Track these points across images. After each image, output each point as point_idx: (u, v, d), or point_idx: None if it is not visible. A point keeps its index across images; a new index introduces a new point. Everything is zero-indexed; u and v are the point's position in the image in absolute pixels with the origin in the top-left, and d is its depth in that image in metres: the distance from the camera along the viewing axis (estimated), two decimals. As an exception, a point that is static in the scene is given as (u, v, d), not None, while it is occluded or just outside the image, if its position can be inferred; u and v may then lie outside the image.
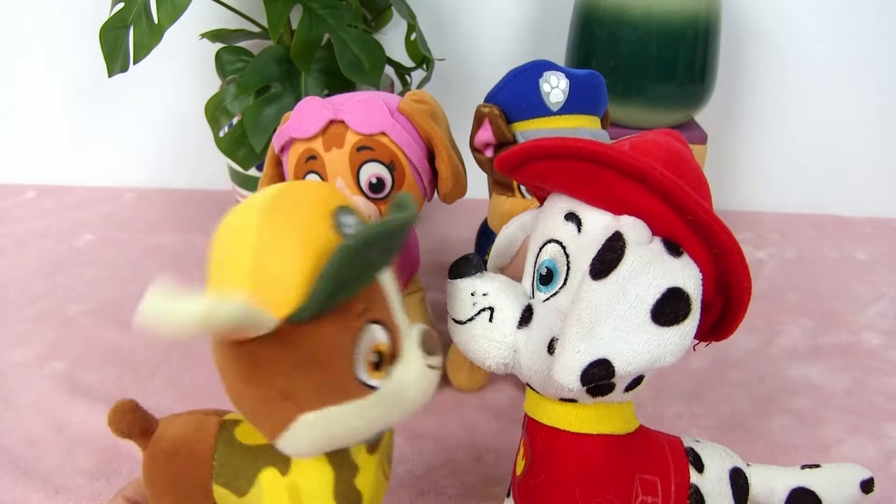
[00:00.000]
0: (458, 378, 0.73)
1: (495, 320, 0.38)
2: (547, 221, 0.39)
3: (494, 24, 1.14)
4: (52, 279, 0.93)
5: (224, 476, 0.39)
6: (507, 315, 0.38)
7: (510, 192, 0.63)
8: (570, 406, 0.38)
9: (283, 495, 0.38)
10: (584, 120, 0.61)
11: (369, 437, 0.37)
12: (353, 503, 0.39)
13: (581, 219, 0.36)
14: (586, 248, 0.35)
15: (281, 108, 0.80)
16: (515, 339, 0.38)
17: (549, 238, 0.38)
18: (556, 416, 0.39)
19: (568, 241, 0.37)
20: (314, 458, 0.38)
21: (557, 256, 0.37)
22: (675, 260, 0.33)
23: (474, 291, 0.39)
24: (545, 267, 0.38)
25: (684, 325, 0.32)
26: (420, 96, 0.62)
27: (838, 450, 0.67)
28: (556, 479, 0.38)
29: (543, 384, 0.38)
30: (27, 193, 1.19)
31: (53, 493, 0.59)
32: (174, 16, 0.76)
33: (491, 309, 0.38)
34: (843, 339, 0.85)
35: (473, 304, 0.39)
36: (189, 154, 1.22)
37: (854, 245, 1.11)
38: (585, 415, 0.38)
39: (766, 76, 1.15)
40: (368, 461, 0.39)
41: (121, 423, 0.41)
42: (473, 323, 0.39)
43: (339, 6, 0.81)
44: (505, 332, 0.38)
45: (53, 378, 0.74)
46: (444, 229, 1.11)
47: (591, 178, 0.35)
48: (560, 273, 0.37)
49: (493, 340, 0.38)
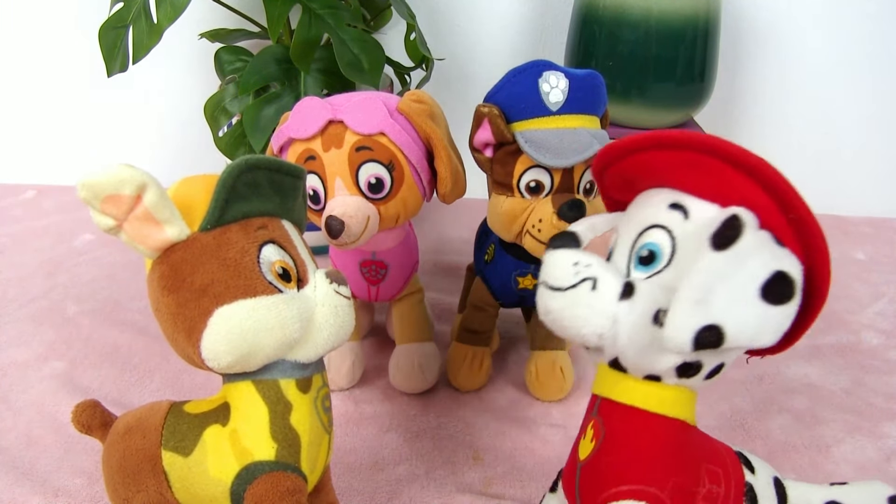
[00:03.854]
0: (458, 378, 0.73)
1: (598, 290, 0.38)
2: (646, 211, 0.40)
3: (494, 24, 1.14)
4: (52, 279, 0.93)
5: (172, 440, 0.43)
6: (609, 286, 0.38)
7: (509, 192, 0.63)
8: (652, 385, 0.39)
9: (225, 444, 0.42)
10: (583, 120, 0.61)
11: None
12: (291, 442, 0.42)
13: (687, 207, 0.38)
14: (694, 233, 0.37)
15: (280, 108, 0.80)
16: (617, 310, 0.38)
17: (652, 224, 0.39)
18: (636, 394, 0.40)
19: (674, 226, 0.38)
20: (249, 395, 0.42)
21: (662, 240, 0.39)
22: (782, 248, 0.36)
23: (577, 262, 0.39)
24: (647, 249, 0.39)
25: (787, 307, 0.34)
26: (419, 96, 0.62)
27: (838, 449, 0.67)
28: (631, 456, 0.39)
29: (640, 355, 0.38)
30: (27, 193, 1.19)
31: (53, 496, 0.59)
32: (173, 15, 0.76)
33: (594, 279, 0.39)
34: (842, 339, 0.85)
35: (576, 274, 0.39)
36: (188, 153, 1.22)
37: (853, 245, 1.11)
38: (666, 396, 0.39)
39: (765, 76, 1.15)
40: (302, 400, 0.43)
41: (81, 417, 0.46)
42: (576, 290, 0.39)
43: (338, 6, 0.81)
44: (607, 301, 0.38)
45: (52, 378, 0.74)
46: (443, 229, 1.11)
47: (703, 169, 0.37)
48: (664, 254, 0.38)
49: (595, 309, 0.38)
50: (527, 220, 0.62)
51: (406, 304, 0.73)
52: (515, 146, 0.61)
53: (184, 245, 0.40)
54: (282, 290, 0.41)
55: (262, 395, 0.42)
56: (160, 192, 0.38)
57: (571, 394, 0.74)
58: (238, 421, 0.42)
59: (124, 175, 0.36)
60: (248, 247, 0.40)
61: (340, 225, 0.57)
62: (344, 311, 0.43)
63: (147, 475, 0.43)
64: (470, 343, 0.73)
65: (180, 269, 0.40)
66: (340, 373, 0.71)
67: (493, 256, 0.70)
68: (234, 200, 0.40)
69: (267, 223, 0.42)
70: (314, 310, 0.42)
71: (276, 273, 0.41)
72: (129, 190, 0.36)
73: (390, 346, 0.76)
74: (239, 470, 0.41)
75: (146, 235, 0.39)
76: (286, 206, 0.44)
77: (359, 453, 0.65)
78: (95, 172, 0.36)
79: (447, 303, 0.90)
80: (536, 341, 0.73)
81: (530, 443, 0.67)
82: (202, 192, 0.41)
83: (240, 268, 0.40)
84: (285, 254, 0.42)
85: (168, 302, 0.40)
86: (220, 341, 0.39)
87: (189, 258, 0.40)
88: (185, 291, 0.40)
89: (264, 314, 0.39)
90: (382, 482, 0.62)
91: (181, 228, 0.39)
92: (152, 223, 0.38)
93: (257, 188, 0.42)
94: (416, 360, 0.72)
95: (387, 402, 0.72)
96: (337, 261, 0.71)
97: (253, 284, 0.40)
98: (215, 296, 0.39)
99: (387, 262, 0.69)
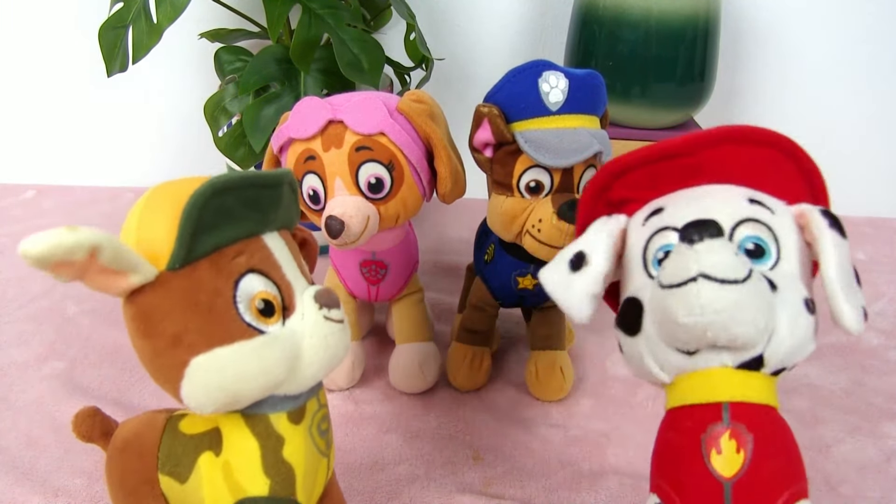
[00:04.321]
0: (457, 378, 0.73)
1: (764, 284, 0.37)
2: (724, 206, 0.40)
3: (494, 23, 1.14)
4: (51, 279, 0.93)
5: (168, 465, 0.41)
6: (762, 281, 0.37)
7: (509, 192, 0.63)
8: (773, 379, 0.40)
9: (218, 475, 0.40)
10: (583, 120, 0.61)
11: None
12: (285, 476, 0.40)
13: (765, 203, 0.40)
14: (784, 226, 0.40)
15: (280, 108, 0.80)
16: (775, 302, 0.37)
17: (744, 218, 0.39)
18: (768, 391, 0.40)
19: (767, 220, 0.40)
20: (238, 430, 0.40)
21: (763, 233, 0.39)
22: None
23: (736, 253, 0.37)
24: (752, 242, 0.39)
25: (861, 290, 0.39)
26: (419, 96, 0.62)
27: (838, 450, 0.67)
28: (789, 455, 0.39)
29: (798, 346, 0.39)
30: (27, 193, 1.19)
31: (53, 496, 0.59)
32: (173, 15, 0.76)
33: (761, 275, 0.38)
34: (842, 339, 0.85)
35: (745, 265, 0.36)
36: (188, 154, 1.22)
37: (853, 245, 1.10)
38: (772, 387, 0.40)
39: (765, 76, 1.15)
40: (294, 432, 0.40)
41: (81, 427, 0.45)
42: (748, 284, 0.36)
43: (338, 6, 0.81)
44: (769, 295, 0.37)
45: (52, 378, 0.74)
46: (443, 229, 1.11)
47: (777, 167, 0.41)
48: (771, 247, 0.39)
49: (767, 301, 0.37)
50: (527, 220, 0.62)
51: (406, 303, 0.73)
52: (515, 146, 0.61)
53: (152, 287, 0.36)
54: (262, 331, 0.37)
55: (251, 429, 0.40)
56: (114, 247, 0.34)
57: (571, 394, 0.74)
58: (230, 454, 0.40)
59: (69, 243, 0.31)
60: (221, 286, 0.36)
61: (340, 225, 0.57)
62: (335, 340, 0.39)
63: (147, 496, 0.42)
64: (470, 343, 0.73)
65: (150, 316, 0.36)
66: (340, 373, 0.71)
67: (492, 256, 0.70)
68: (201, 233, 0.36)
69: (244, 248, 0.38)
70: (301, 344, 0.38)
71: (257, 310, 0.37)
72: (80, 255, 0.32)
73: (390, 346, 0.76)
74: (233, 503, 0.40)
75: (109, 285, 0.36)
76: (267, 220, 0.40)
77: (358, 453, 0.65)
78: (37, 243, 0.31)
79: (447, 303, 0.90)
80: (536, 341, 0.73)
81: (530, 443, 0.67)
82: (168, 220, 0.36)
83: (213, 312, 0.36)
84: (268, 281, 0.38)
85: (142, 346, 0.38)
86: (199, 393, 0.36)
87: (158, 303, 0.36)
88: (157, 339, 0.36)
89: (244, 362, 0.36)
90: (382, 482, 0.62)
91: (146, 272, 0.35)
92: (113, 274, 0.35)
93: (229, 213, 0.37)
94: (416, 359, 0.72)
95: (387, 402, 0.72)
96: (337, 261, 0.71)
97: (229, 330, 0.36)
98: (189, 346, 0.36)
99: (387, 261, 0.69)
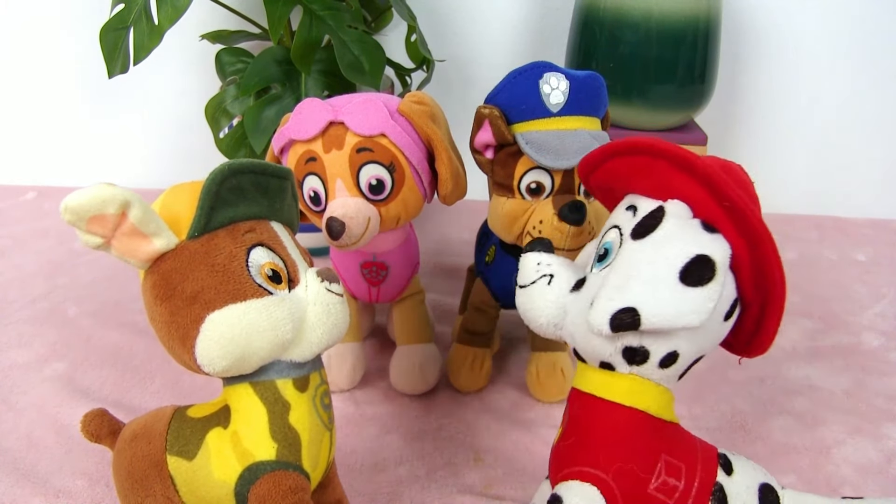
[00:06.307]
0: (458, 378, 0.73)
1: (552, 284, 0.44)
2: (614, 214, 0.44)
3: (495, 25, 1.14)
4: (52, 280, 0.93)
5: (177, 445, 0.44)
6: (563, 281, 0.44)
7: (510, 194, 0.63)
8: (607, 374, 0.42)
9: (227, 446, 0.43)
10: (584, 121, 0.61)
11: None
12: (291, 441, 0.43)
13: (637, 206, 0.42)
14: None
15: (281, 109, 0.80)
16: (566, 301, 0.43)
17: (612, 225, 0.43)
18: (594, 383, 0.42)
19: (624, 224, 0.42)
20: (247, 398, 0.43)
21: (615, 238, 0.42)
22: (707, 234, 0.38)
23: (540, 262, 0.45)
24: (604, 248, 0.43)
25: (708, 289, 0.37)
26: (420, 98, 0.62)
27: (839, 451, 0.67)
28: (583, 440, 0.42)
29: (584, 341, 0.42)
30: (27, 194, 1.19)
31: (54, 497, 0.59)
32: (174, 17, 0.76)
33: (551, 276, 0.44)
34: (843, 340, 0.85)
35: (537, 271, 0.44)
36: (189, 155, 1.22)
37: (854, 246, 1.11)
38: (620, 385, 0.41)
39: (766, 77, 1.15)
40: (300, 399, 0.43)
41: (90, 427, 0.47)
42: (534, 285, 0.44)
43: (339, 7, 0.81)
44: (559, 293, 0.43)
45: (53, 379, 0.74)
46: (444, 231, 1.11)
47: (652, 171, 0.41)
48: (615, 251, 0.42)
49: (548, 300, 0.43)
50: (527, 222, 0.62)
51: (407, 305, 0.73)
52: (516, 147, 0.61)
53: (173, 254, 0.40)
54: (272, 293, 0.41)
55: (259, 396, 0.43)
56: (144, 206, 0.38)
57: (572, 395, 0.74)
58: (238, 423, 0.43)
59: (106, 195, 0.37)
60: (235, 251, 0.41)
61: (341, 226, 0.57)
62: (337, 309, 0.44)
63: (154, 480, 0.44)
64: (470, 344, 0.73)
65: (171, 278, 0.40)
66: (341, 374, 0.71)
67: (493, 258, 0.70)
68: (219, 207, 0.41)
69: (255, 226, 0.42)
70: (306, 309, 0.43)
71: (266, 275, 0.41)
72: (113, 209, 0.37)
73: (391, 348, 0.76)
74: (241, 471, 0.42)
75: (135, 249, 0.40)
76: (274, 208, 0.45)
77: (359, 454, 0.65)
78: (77, 195, 0.36)
79: (448, 304, 0.90)
80: (537, 343, 0.73)
81: (531, 444, 0.67)
82: (188, 200, 0.41)
83: (228, 273, 0.40)
84: (275, 255, 0.42)
85: (161, 311, 0.41)
86: (213, 347, 0.40)
87: (178, 267, 0.40)
88: (176, 300, 0.40)
89: (255, 317, 0.40)
90: (383, 483, 0.62)
91: (169, 239, 0.40)
92: (139, 237, 0.39)
93: (242, 192, 0.42)
94: (416, 361, 0.72)
95: (387, 403, 0.72)
96: (337, 262, 0.71)
97: (242, 289, 0.40)
98: (206, 302, 0.40)
99: (387, 263, 0.69)
